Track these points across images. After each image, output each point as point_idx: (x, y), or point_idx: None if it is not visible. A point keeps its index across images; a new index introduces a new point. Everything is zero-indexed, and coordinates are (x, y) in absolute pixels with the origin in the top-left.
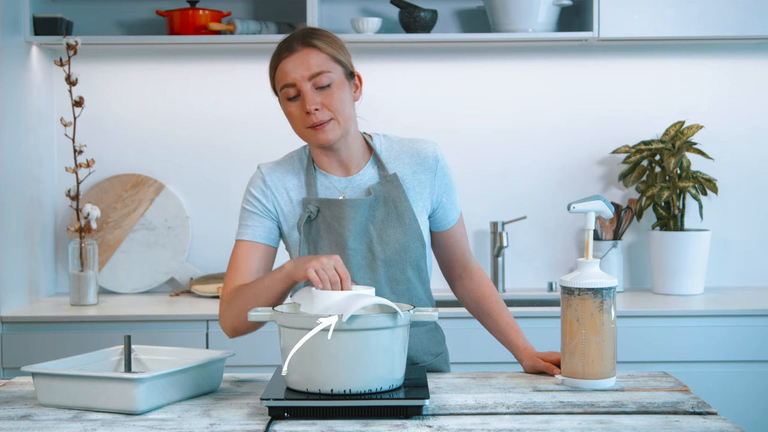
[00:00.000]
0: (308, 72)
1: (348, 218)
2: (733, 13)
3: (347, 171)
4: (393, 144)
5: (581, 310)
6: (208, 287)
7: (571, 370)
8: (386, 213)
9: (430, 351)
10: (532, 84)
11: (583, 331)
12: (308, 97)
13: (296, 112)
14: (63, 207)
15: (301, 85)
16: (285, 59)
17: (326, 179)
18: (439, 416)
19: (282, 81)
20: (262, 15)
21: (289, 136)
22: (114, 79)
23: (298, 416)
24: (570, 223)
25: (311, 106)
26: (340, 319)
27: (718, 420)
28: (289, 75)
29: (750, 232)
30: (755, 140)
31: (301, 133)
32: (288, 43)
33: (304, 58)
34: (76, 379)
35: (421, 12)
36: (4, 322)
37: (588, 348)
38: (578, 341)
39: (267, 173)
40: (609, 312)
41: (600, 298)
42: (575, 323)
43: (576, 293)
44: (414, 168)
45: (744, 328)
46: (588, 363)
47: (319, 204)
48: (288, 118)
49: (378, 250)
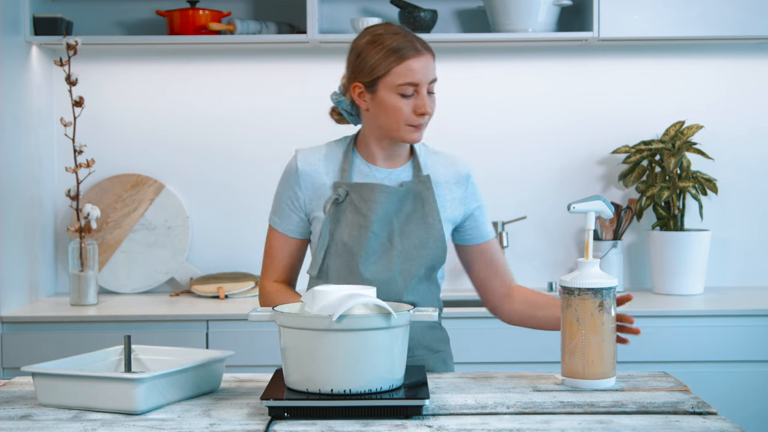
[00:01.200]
0: (430, 77)
1: (377, 202)
2: (733, 13)
3: (391, 164)
4: (431, 153)
5: (581, 310)
6: (208, 287)
7: (571, 370)
8: (413, 209)
9: (427, 346)
10: (532, 84)
11: (583, 331)
12: (427, 101)
13: (406, 109)
14: (63, 207)
15: (422, 87)
16: (413, 58)
17: (366, 167)
18: (439, 416)
19: (406, 78)
20: (262, 15)
21: (289, 136)
22: (114, 79)
23: (298, 416)
24: (570, 223)
25: (430, 110)
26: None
27: (718, 420)
28: (416, 75)
29: (750, 232)
30: (755, 140)
31: (397, 126)
32: (411, 43)
33: (428, 63)
34: (76, 379)
35: (421, 12)
36: (4, 322)
37: (588, 348)
38: (578, 341)
39: (301, 159)
40: (609, 312)
41: (600, 298)
42: (575, 323)
43: (576, 293)
44: (447, 178)
45: (744, 328)
46: (588, 363)
47: (349, 188)
48: (387, 112)
49: (397, 241)
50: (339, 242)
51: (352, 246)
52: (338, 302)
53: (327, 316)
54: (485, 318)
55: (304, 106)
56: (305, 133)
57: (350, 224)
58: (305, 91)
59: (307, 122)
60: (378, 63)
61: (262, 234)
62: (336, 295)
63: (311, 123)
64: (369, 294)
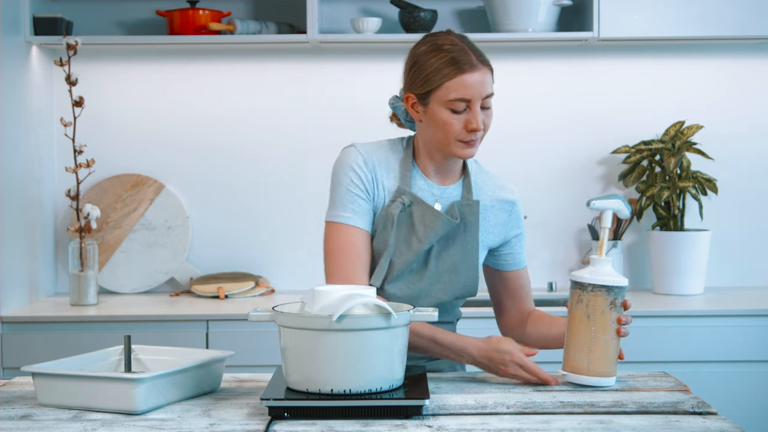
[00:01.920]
0: (485, 92)
1: (435, 231)
2: (733, 13)
3: (444, 180)
4: (481, 172)
5: (592, 307)
6: (208, 287)
7: (576, 366)
8: (455, 233)
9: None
10: (532, 84)
11: (593, 327)
12: (478, 116)
13: (457, 124)
14: (63, 207)
15: (475, 103)
16: (467, 73)
17: (423, 182)
18: (439, 416)
19: (458, 93)
20: (262, 15)
21: (289, 136)
22: (114, 79)
23: (298, 416)
24: (570, 223)
25: (480, 126)
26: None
27: (718, 420)
28: (468, 90)
29: (750, 232)
30: (755, 140)
31: (447, 141)
32: (467, 56)
33: (484, 77)
34: (76, 379)
35: (421, 12)
36: (4, 322)
37: (596, 345)
38: (586, 337)
39: (366, 153)
40: (618, 311)
41: (612, 296)
42: (585, 319)
43: (589, 289)
44: (493, 202)
45: (744, 328)
46: (594, 360)
47: (413, 199)
48: (438, 126)
49: (432, 263)
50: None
51: (395, 263)
52: (338, 302)
53: (327, 316)
54: (485, 318)
55: (304, 106)
56: (305, 133)
57: (403, 241)
58: (305, 91)
59: (308, 122)
60: (431, 76)
61: (263, 234)
62: (336, 295)
63: (311, 123)
64: (369, 294)
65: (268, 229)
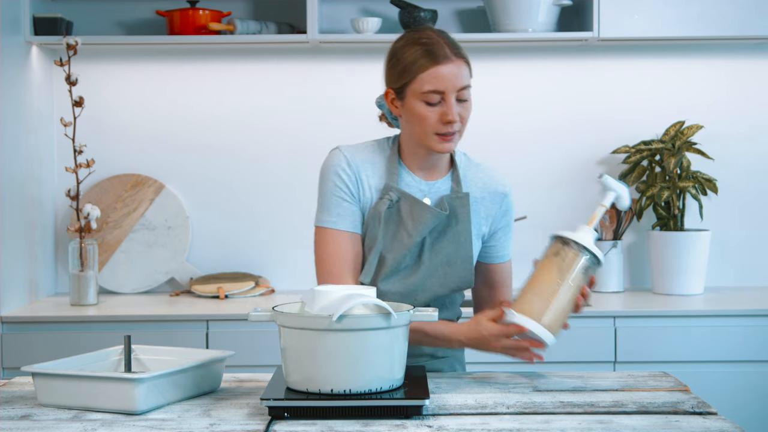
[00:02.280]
0: (459, 84)
1: (425, 224)
2: (733, 13)
3: (431, 176)
4: (471, 165)
5: (567, 264)
6: (208, 287)
7: (528, 310)
8: (446, 226)
9: (431, 353)
10: (532, 84)
11: (560, 282)
12: (453, 108)
13: (432, 118)
14: (63, 207)
15: (449, 95)
16: (440, 65)
17: (410, 177)
18: (439, 416)
19: (431, 85)
20: (262, 15)
21: (289, 136)
22: (114, 79)
23: (298, 416)
24: (570, 223)
25: (455, 118)
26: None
27: (718, 420)
28: (441, 82)
29: (750, 232)
30: (755, 140)
31: (424, 135)
32: (440, 48)
33: (458, 70)
34: (76, 379)
35: (421, 12)
36: (4, 322)
37: (555, 299)
38: (550, 288)
39: (349, 155)
40: (585, 281)
41: (588, 263)
42: (555, 271)
43: (572, 247)
44: (483, 194)
45: (744, 328)
46: (548, 312)
47: (400, 195)
48: (414, 120)
49: (426, 256)
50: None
51: (386, 258)
52: (338, 302)
53: (327, 316)
54: None
55: (304, 106)
56: (305, 133)
57: (393, 237)
58: (305, 91)
59: (307, 122)
60: (406, 69)
61: (263, 234)
62: (336, 295)
63: (311, 123)
64: (369, 294)
65: (268, 229)
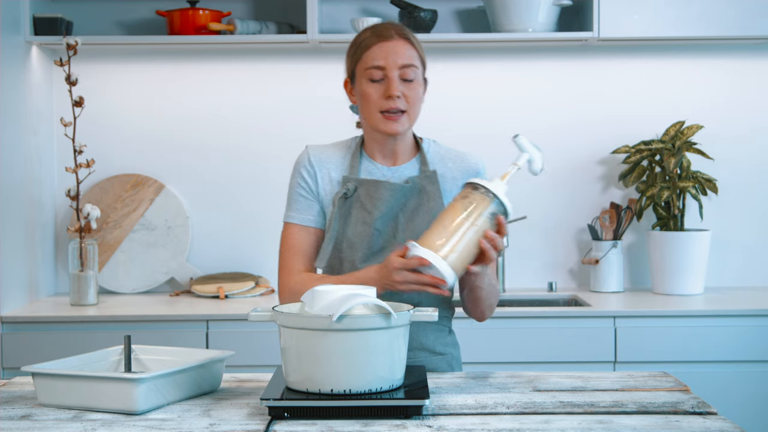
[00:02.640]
0: (401, 61)
1: (381, 199)
2: (734, 13)
3: (394, 161)
4: (440, 149)
5: (475, 207)
6: (208, 287)
7: (430, 244)
8: (418, 204)
9: (430, 348)
10: (533, 84)
11: (465, 223)
12: (394, 83)
13: (375, 95)
14: (63, 207)
15: (390, 71)
16: (380, 43)
17: (372, 165)
18: (439, 416)
19: (371, 62)
20: (262, 15)
21: (289, 136)
22: (114, 79)
23: (298, 416)
24: (570, 223)
25: (395, 92)
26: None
27: (718, 420)
28: (380, 59)
29: (750, 232)
30: (755, 140)
31: (372, 116)
32: (385, 29)
33: (399, 47)
34: (76, 379)
35: (421, 12)
36: (4, 322)
37: (458, 238)
38: (454, 226)
39: (312, 153)
40: (492, 227)
41: (495, 208)
42: (462, 212)
43: (481, 191)
44: (455, 174)
45: (744, 328)
46: (449, 248)
47: (357, 183)
48: (362, 100)
49: (401, 237)
50: (345, 238)
51: (355, 242)
52: (338, 302)
53: (327, 316)
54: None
55: (304, 106)
56: (305, 132)
57: (355, 221)
58: (305, 91)
59: (307, 122)
60: (355, 52)
61: (262, 234)
62: (336, 295)
63: (311, 123)
64: (369, 294)
65: (268, 229)
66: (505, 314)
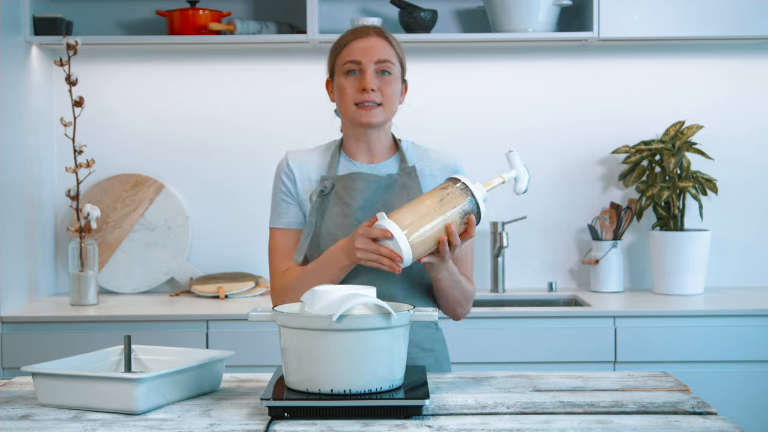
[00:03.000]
0: (376, 56)
1: (358, 190)
2: (734, 13)
3: (372, 159)
4: (418, 150)
5: (449, 200)
6: (208, 287)
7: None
8: (397, 199)
9: (418, 344)
10: (532, 84)
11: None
12: (369, 76)
13: (350, 88)
14: (63, 207)
15: (366, 65)
16: (358, 40)
17: (350, 163)
18: (439, 416)
19: (348, 57)
20: (262, 15)
21: (289, 136)
22: (114, 79)
23: (298, 416)
24: (570, 223)
25: (370, 84)
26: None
27: (718, 420)
28: (356, 54)
29: (750, 232)
30: (755, 140)
31: (347, 108)
32: (364, 29)
33: (375, 44)
34: (76, 379)
35: (421, 12)
36: (4, 322)
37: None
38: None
39: (291, 157)
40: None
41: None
42: (437, 201)
43: (462, 188)
44: (434, 171)
45: (744, 328)
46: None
47: (334, 180)
48: (339, 93)
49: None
50: (326, 233)
51: (337, 234)
52: (338, 302)
53: (327, 316)
54: (485, 318)
55: (304, 106)
56: (305, 132)
57: (335, 214)
58: (305, 91)
59: (308, 122)
60: (333, 51)
61: (262, 234)
62: (336, 295)
63: (311, 123)
64: (369, 294)
65: (267, 229)
66: (505, 314)
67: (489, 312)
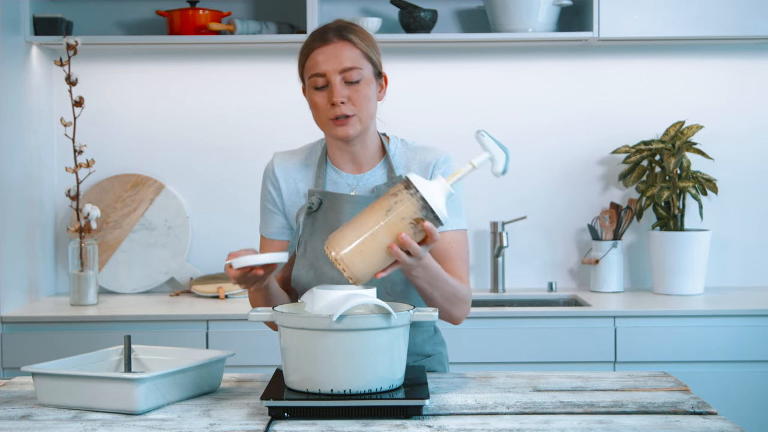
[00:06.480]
0: (340, 66)
1: (344, 213)
2: (733, 13)
3: (359, 168)
4: (407, 150)
5: (399, 209)
6: (208, 287)
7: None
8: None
9: (418, 352)
10: (532, 84)
11: (381, 224)
12: (336, 89)
13: (321, 103)
14: (63, 207)
15: (331, 77)
16: (318, 49)
17: (337, 175)
18: (439, 416)
19: (312, 70)
20: (262, 15)
21: (289, 136)
22: (114, 79)
23: (298, 416)
24: (570, 223)
25: (338, 99)
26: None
27: (718, 420)
28: (320, 65)
29: (750, 232)
30: (755, 140)
31: (322, 123)
32: (323, 33)
33: (338, 51)
34: (76, 379)
35: (421, 12)
36: (4, 322)
37: (370, 241)
38: (368, 227)
39: (277, 161)
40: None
41: (423, 215)
42: (383, 213)
43: (413, 193)
44: (423, 167)
45: (744, 328)
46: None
47: (322, 196)
48: (312, 108)
49: None
50: (311, 252)
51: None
52: (338, 302)
53: (327, 316)
54: (485, 318)
55: (304, 106)
56: (305, 133)
57: (322, 235)
58: None
59: (307, 122)
60: (299, 59)
61: None
62: (336, 295)
63: (311, 123)
64: (369, 294)
65: None
66: (505, 314)
67: (489, 312)
